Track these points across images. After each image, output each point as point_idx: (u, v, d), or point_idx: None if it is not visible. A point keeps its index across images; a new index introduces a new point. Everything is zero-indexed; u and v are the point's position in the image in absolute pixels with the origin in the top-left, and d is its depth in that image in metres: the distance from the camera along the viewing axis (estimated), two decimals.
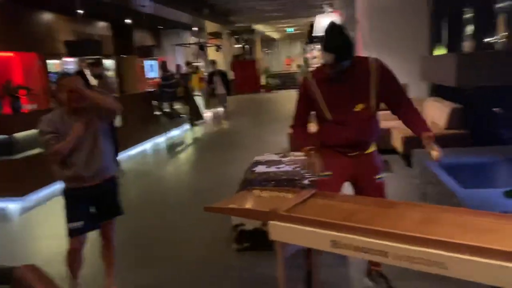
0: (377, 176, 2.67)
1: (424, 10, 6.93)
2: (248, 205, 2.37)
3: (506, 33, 4.70)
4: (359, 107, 2.47)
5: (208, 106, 12.96)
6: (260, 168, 4.46)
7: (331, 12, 6.91)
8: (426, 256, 1.62)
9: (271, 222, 2.07)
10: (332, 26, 2.42)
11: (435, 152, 2.34)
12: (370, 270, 2.86)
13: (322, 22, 6.76)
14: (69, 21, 10.80)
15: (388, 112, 6.58)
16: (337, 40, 2.35)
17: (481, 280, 1.51)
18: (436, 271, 1.60)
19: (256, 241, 3.56)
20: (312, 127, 2.74)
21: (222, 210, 2.51)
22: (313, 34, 7.27)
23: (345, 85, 2.46)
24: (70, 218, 2.73)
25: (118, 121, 6.78)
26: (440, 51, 6.93)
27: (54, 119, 2.62)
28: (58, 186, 2.90)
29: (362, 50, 7.53)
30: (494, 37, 5.07)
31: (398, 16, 7.08)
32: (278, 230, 2.05)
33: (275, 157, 4.96)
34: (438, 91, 6.87)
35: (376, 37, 7.26)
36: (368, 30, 7.33)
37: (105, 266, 3.06)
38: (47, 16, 10.19)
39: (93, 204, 2.82)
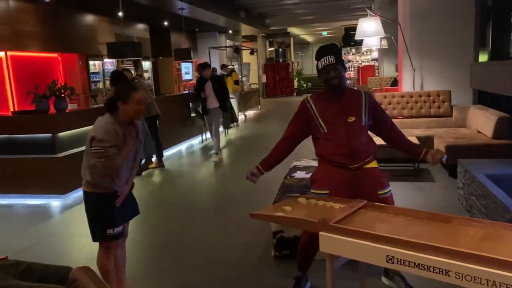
0: (381, 191, 2.62)
1: (469, 13, 6.70)
2: (295, 214, 2.31)
3: None
4: (351, 119, 2.66)
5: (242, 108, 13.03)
6: (299, 174, 4.41)
7: (373, 15, 6.75)
8: (493, 278, 1.52)
9: (321, 233, 2.02)
10: (323, 45, 2.78)
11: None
12: (387, 268, 2.84)
13: (364, 26, 6.63)
14: (109, 23, 11.06)
15: (426, 120, 6.56)
16: (330, 46, 2.75)
17: None
18: None
19: (296, 249, 3.50)
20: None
21: (268, 218, 2.47)
22: (355, 38, 7.11)
23: (339, 103, 2.69)
24: (109, 223, 2.69)
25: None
26: (484, 57, 6.68)
27: (117, 131, 2.61)
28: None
29: (403, 55, 7.35)
30: None
31: (441, 20, 6.87)
32: (329, 242, 1.99)
33: (313, 163, 4.89)
34: (482, 99, 6.62)
35: (418, 41, 7.07)
36: (409, 34, 7.15)
37: (119, 262, 2.94)
38: (89, 18, 10.47)
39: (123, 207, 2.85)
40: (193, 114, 9.58)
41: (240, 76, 14.10)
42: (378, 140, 2.88)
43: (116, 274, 2.82)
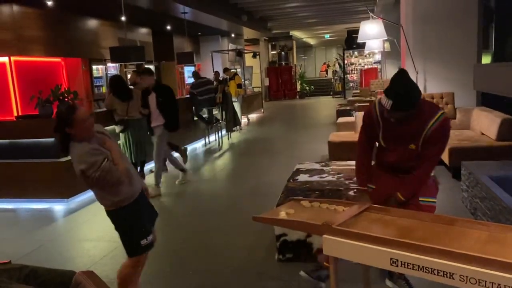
0: (423, 198, 2.58)
1: (472, 15, 6.68)
2: (299, 217, 2.31)
3: None
4: (412, 147, 2.54)
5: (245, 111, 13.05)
6: (302, 177, 4.40)
7: (376, 18, 6.75)
8: (498, 280, 1.51)
9: (325, 236, 2.01)
10: (399, 73, 2.45)
11: None
12: (391, 272, 2.83)
13: (367, 28, 6.62)
14: (112, 27, 11.10)
15: None
16: (399, 87, 2.35)
17: None
18: None
19: (299, 252, 3.50)
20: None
21: (272, 221, 2.46)
22: (358, 41, 7.11)
23: (405, 126, 2.48)
24: (141, 234, 2.66)
25: None
26: (487, 59, 6.65)
27: (93, 147, 2.51)
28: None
29: (406, 57, 7.34)
30: None
31: (444, 22, 6.85)
32: (333, 245, 1.98)
33: (316, 166, 4.89)
34: (486, 101, 6.60)
35: (421, 43, 7.06)
36: (412, 36, 7.15)
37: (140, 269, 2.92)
38: (92, 23, 10.51)
39: (146, 210, 2.81)
40: (195, 118, 9.60)
41: (242, 80, 14.12)
42: None
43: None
